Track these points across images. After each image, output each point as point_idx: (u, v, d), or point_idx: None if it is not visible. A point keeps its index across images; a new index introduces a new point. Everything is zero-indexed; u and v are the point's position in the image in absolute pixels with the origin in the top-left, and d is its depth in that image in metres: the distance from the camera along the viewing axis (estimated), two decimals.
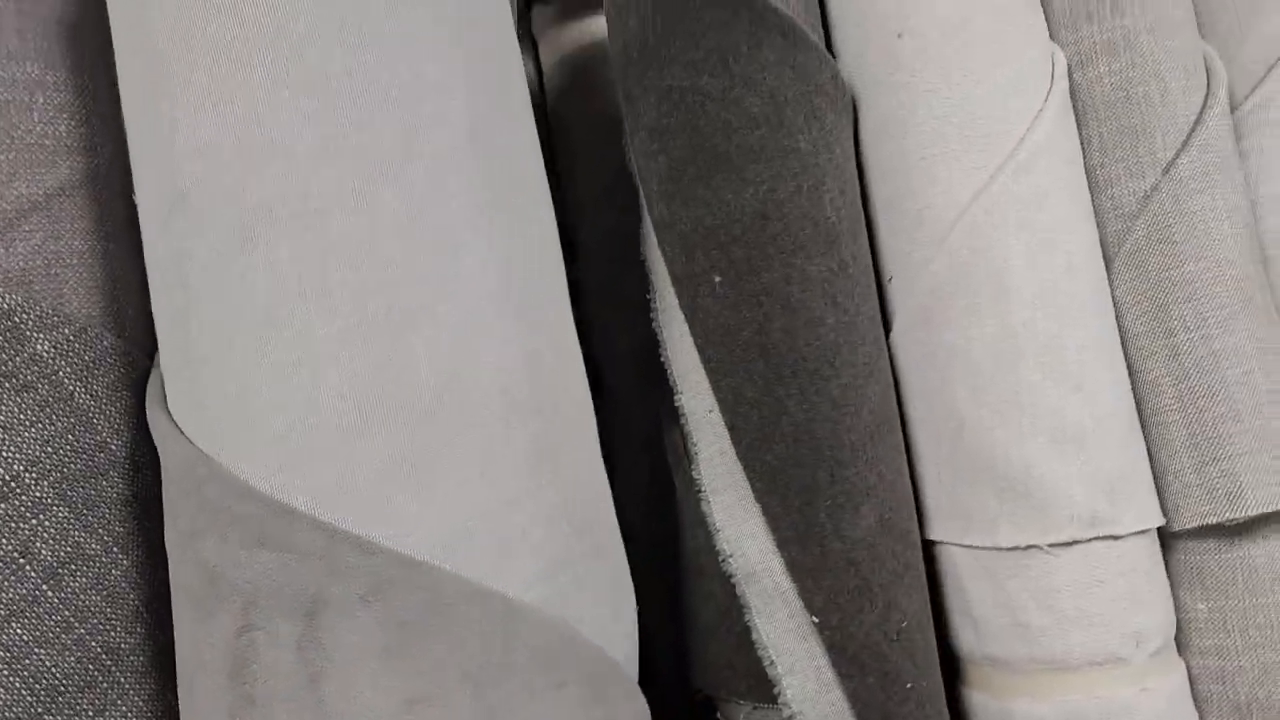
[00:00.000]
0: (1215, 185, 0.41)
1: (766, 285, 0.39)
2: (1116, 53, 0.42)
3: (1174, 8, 0.42)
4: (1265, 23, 0.45)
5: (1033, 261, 0.39)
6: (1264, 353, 0.40)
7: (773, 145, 0.39)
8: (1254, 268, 0.41)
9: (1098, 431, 0.39)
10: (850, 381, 0.39)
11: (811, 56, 0.40)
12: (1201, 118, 0.42)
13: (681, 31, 0.40)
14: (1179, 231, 0.41)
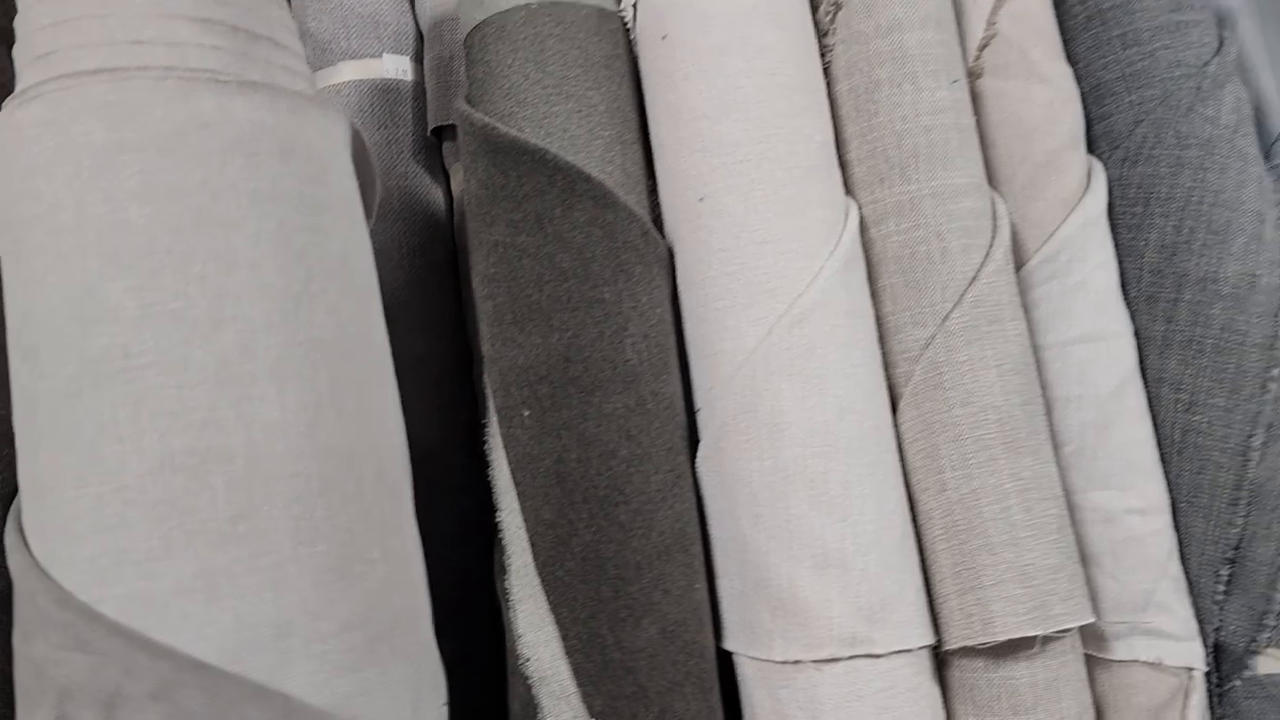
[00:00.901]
0: (985, 337, 0.46)
1: (566, 420, 0.44)
2: (904, 214, 0.47)
3: (959, 175, 0.47)
4: (1056, 183, 0.50)
5: (803, 404, 0.44)
6: (1026, 490, 0.45)
7: (579, 296, 0.45)
8: (1023, 410, 0.46)
9: (860, 559, 0.43)
10: (640, 507, 0.44)
11: (621, 216, 0.46)
12: (977, 275, 0.46)
13: (506, 194, 0.46)
14: (949, 379, 0.46)
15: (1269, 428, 0.47)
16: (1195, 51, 0.51)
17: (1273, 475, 0.47)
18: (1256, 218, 0.49)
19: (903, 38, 0.48)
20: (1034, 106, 0.50)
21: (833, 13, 0.49)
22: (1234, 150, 0.50)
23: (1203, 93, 0.50)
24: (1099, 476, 0.49)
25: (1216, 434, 0.48)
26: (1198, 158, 0.49)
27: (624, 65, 0.49)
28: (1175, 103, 0.50)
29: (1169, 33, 0.51)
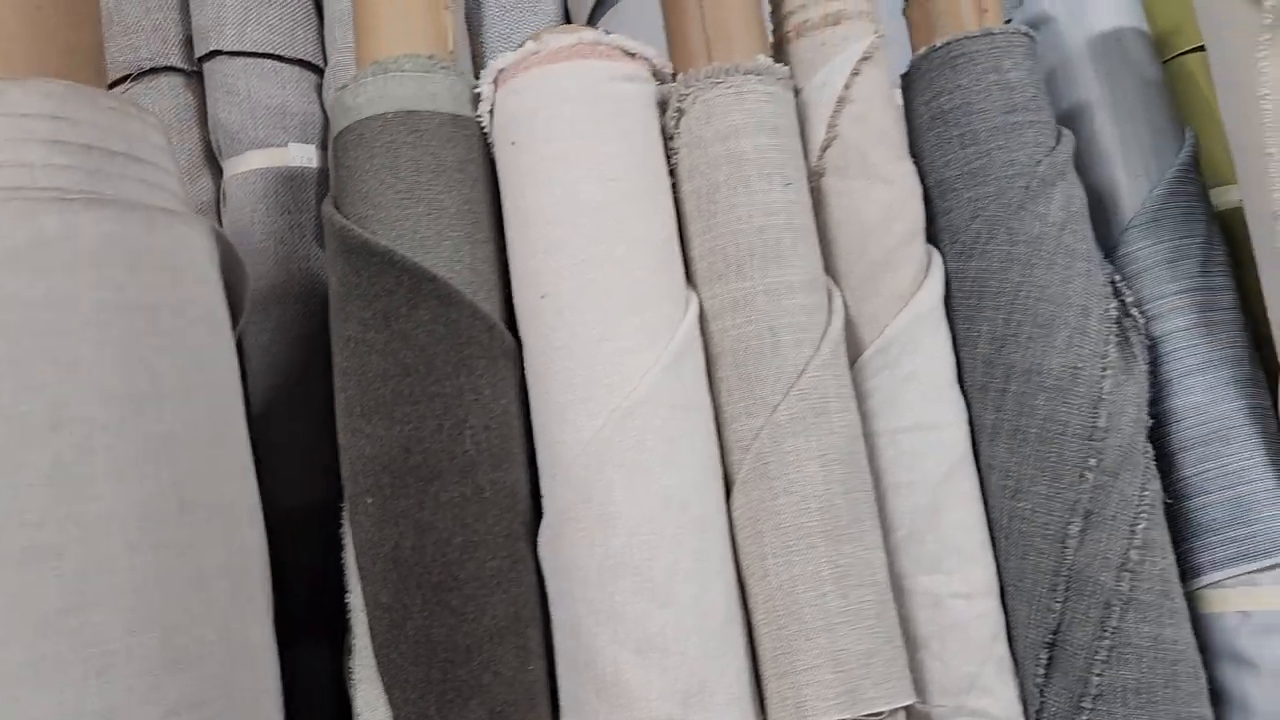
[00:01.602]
0: (810, 428, 0.48)
1: (404, 509, 0.47)
2: (739, 309, 0.50)
3: (791, 272, 0.50)
4: (892, 279, 0.53)
5: (631, 495, 0.46)
6: (843, 577, 0.47)
7: (420, 390, 0.47)
8: (846, 499, 0.48)
9: (680, 643, 0.45)
10: (473, 592, 0.46)
11: (465, 314, 0.48)
12: (805, 368, 0.49)
13: (359, 292, 0.49)
14: (774, 468, 0.48)
15: (1086, 516, 0.49)
16: (1029, 151, 0.53)
17: (1090, 562, 0.49)
18: (1081, 312, 0.51)
19: (739, 143, 0.50)
20: (873, 206, 0.53)
21: (676, 119, 0.52)
22: (1061, 247, 0.52)
23: (1032, 191, 0.52)
24: (927, 561, 0.51)
25: (1038, 521, 0.50)
26: (1026, 254, 0.52)
27: (478, 169, 0.52)
28: (1007, 200, 0.53)
29: (1004, 133, 0.54)
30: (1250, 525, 0.53)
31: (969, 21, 0.56)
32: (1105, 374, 0.50)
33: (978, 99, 0.54)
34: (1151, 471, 0.51)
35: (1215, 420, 0.55)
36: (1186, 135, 0.61)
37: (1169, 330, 0.57)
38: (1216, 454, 0.55)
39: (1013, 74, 0.54)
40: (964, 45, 0.55)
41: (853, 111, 0.53)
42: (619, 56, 0.51)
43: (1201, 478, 0.55)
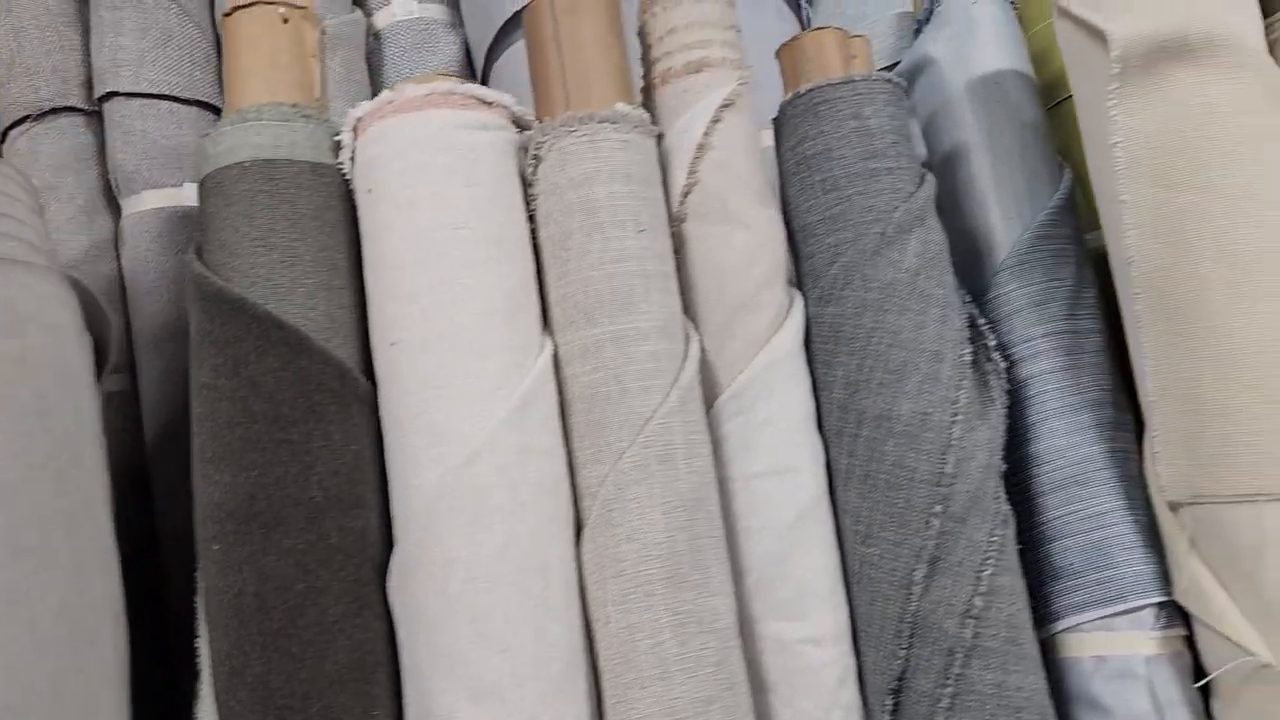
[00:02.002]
0: (653, 476, 0.48)
1: (247, 556, 0.47)
2: (588, 356, 0.50)
3: (641, 319, 0.50)
4: (749, 324, 0.53)
5: (470, 541, 0.47)
6: (682, 625, 0.47)
7: (267, 437, 0.48)
8: (689, 546, 0.48)
9: (516, 690, 0.46)
10: (313, 639, 0.47)
11: (315, 361, 0.49)
12: (652, 415, 0.49)
13: (212, 339, 0.49)
14: (618, 515, 0.48)
15: (932, 562, 0.49)
16: (886, 198, 0.54)
17: (934, 609, 0.49)
18: (933, 357, 0.52)
19: (592, 190, 0.51)
20: (731, 251, 0.53)
21: (533, 166, 0.53)
22: (915, 292, 0.52)
23: (888, 237, 0.53)
24: (777, 606, 0.51)
25: (885, 566, 0.50)
26: (879, 299, 0.52)
27: (338, 216, 0.52)
28: (863, 246, 0.53)
29: (863, 179, 0.54)
30: (1107, 570, 0.53)
31: (834, 67, 0.57)
32: (955, 420, 0.51)
33: (838, 145, 0.55)
34: (1001, 517, 0.51)
35: (1076, 464, 0.55)
36: (1063, 177, 0.61)
37: (1035, 373, 0.57)
38: (1076, 497, 0.55)
39: (873, 120, 0.55)
40: (826, 92, 0.55)
41: (713, 158, 0.54)
42: (474, 105, 0.52)
43: (1062, 521, 0.55)
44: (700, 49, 0.55)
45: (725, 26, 0.56)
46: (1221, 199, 0.51)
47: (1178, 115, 0.52)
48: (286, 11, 0.54)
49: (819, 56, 0.57)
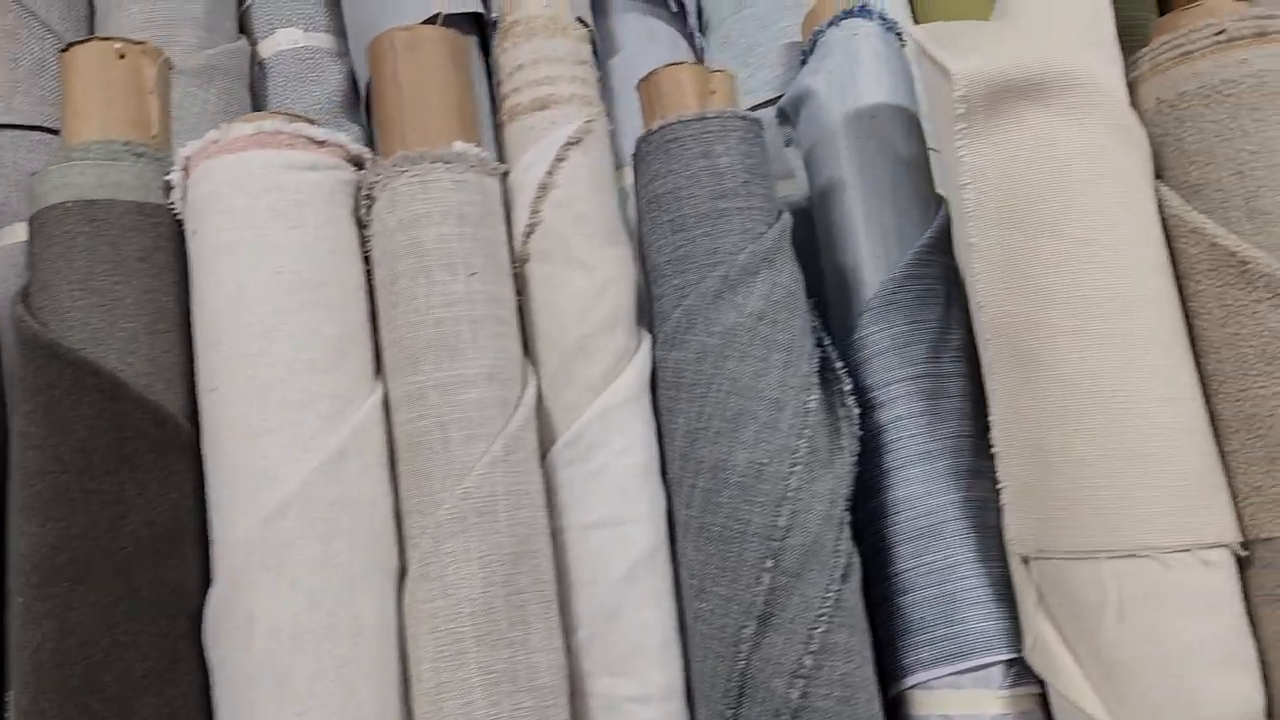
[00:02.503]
0: (471, 529, 0.47)
1: (49, 609, 0.46)
2: (413, 404, 0.49)
3: (467, 366, 0.49)
4: (586, 369, 0.52)
5: (275, 597, 0.45)
6: (495, 684, 0.46)
7: (76, 487, 0.47)
8: (507, 602, 0.47)
9: None
10: (117, 694, 0.45)
11: (130, 408, 0.48)
12: (473, 466, 0.48)
13: (25, 385, 0.48)
14: (434, 569, 0.47)
15: (761, 620, 0.48)
16: (733, 239, 0.52)
17: (763, 668, 0.48)
18: (773, 405, 0.50)
19: (421, 233, 0.50)
20: (571, 292, 0.52)
21: (367, 207, 0.51)
22: (757, 338, 0.51)
23: (731, 280, 0.51)
24: (606, 662, 0.49)
25: (716, 623, 0.48)
26: (719, 345, 0.51)
27: (167, 257, 0.51)
28: (706, 289, 0.51)
29: (710, 220, 0.53)
30: (955, 625, 0.52)
31: (690, 104, 0.55)
32: (794, 470, 0.49)
33: (687, 185, 0.53)
34: (841, 570, 0.50)
35: (929, 513, 0.54)
36: (937, 217, 0.60)
37: (893, 418, 0.56)
38: (928, 549, 0.53)
39: (724, 159, 0.53)
40: (676, 130, 0.54)
41: (556, 197, 0.53)
42: (303, 145, 0.50)
43: (913, 573, 0.53)
44: (547, 85, 0.54)
45: (576, 63, 0.55)
46: (1066, 243, 0.49)
47: (1024, 156, 0.50)
48: (123, 47, 0.53)
49: (675, 92, 0.56)
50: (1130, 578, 0.47)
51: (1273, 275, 0.48)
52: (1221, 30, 0.50)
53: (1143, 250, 0.49)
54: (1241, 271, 0.49)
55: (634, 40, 0.73)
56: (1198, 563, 0.47)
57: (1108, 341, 0.48)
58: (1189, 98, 0.51)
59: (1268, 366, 0.48)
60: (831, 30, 0.65)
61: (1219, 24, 0.51)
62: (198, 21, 0.70)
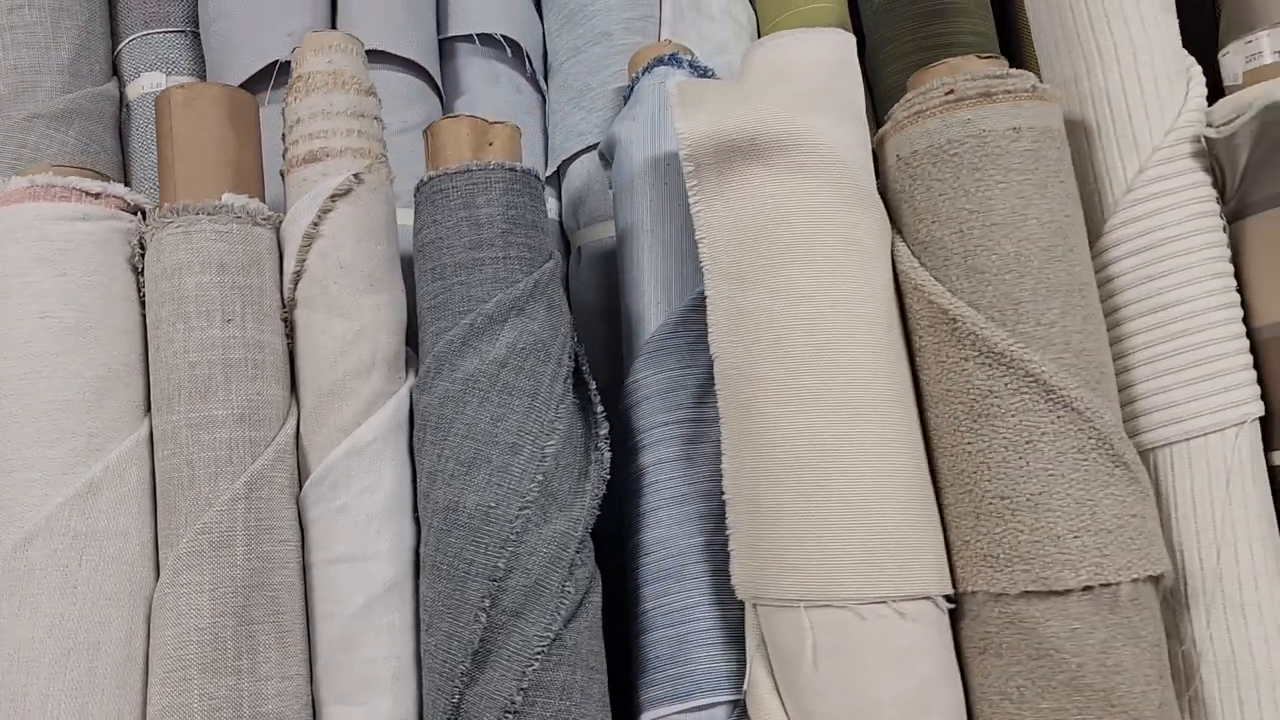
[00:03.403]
0: (205, 562, 0.50)
1: None
2: (167, 442, 0.52)
3: (217, 408, 0.52)
4: (338, 412, 0.54)
5: (17, 621, 0.49)
6: (216, 710, 0.49)
7: None
8: (236, 631, 0.49)
9: None
10: None
11: None
12: (214, 502, 0.51)
13: None
14: (170, 599, 0.50)
15: (477, 657, 0.50)
16: (485, 288, 0.55)
17: (476, 703, 0.50)
18: (509, 450, 0.52)
19: (182, 281, 0.53)
20: (328, 338, 0.55)
21: (139, 255, 0.55)
22: (498, 384, 0.53)
23: (477, 328, 0.54)
24: (339, 691, 0.52)
25: (440, 657, 0.51)
26: (460, 391, 0.53)
27: None
28: (453, 336, 0.54)
29: (466, 269, 0.55)
30: (685, 664, 0.53)
31: (464, 155, 0.58)
32: (521, 513, 0.51)
33: (448, 234, 0.56)
34: (567, 611, 0.51)
35: (675, 555, 0.55)
36: None
37: (653, 462, 0.57)
38: (670, 590, 0.55)
39: (485, 210, 0.56)
40: (442, 181, 0.56)
41: (320, 246, 0.55)
42: (76, 197, 0.54)
43: (655, 613, 0.55)
44: (320, 139, 0.57)
45: (353, 116, 0.58)
46: (781, 298, 0.51)
47: (748, 213, 0.52)
48: None
49: (451, 144, 0.58)
50: (826, 627, 0.48)
51: (979, 334, 0.49)
52: (951, 90, 0.52)
53: (863, 307, 0.51)
54: (953, 329, 0.50)
55: (477, 83, 0.76)
56: (894, 614, 0.48)
57: (816, 396, 0.49)
58: (920, 156, 0.52)
59: (974, 423, 0.49)
60: (645, 78, 0.67)
61: (950, 84, 0.52)
62: (62, 68, 0.74)
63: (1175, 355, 0.52)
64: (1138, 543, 0.48)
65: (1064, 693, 0.47)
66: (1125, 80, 0.54)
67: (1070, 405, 0.48)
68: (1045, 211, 0.50)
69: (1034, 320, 0.49)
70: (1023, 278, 0.49)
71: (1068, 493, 0.47)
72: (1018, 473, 0.48)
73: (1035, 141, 0.51)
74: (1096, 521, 0.47)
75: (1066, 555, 0.47)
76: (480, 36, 0.75)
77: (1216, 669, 0.50)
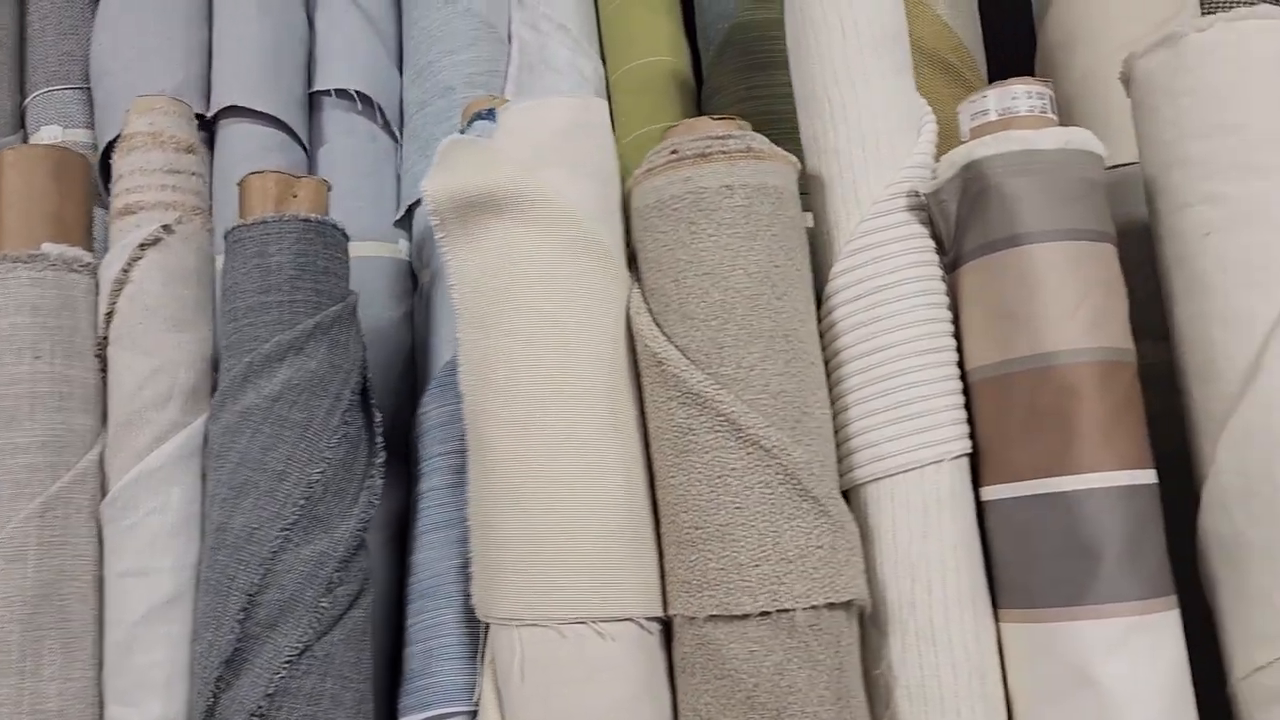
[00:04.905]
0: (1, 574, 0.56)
1: None
2: None
3: (22, 436, 0.58)
4: (134, 439, 0.60)
5: None
6: None
7: None
8: (25, 636, 0.56)
9: None
10: None
11: None
12: (11, 520, 0.57)
13: None
14: None
15: (229, 664, 0.55)
16: (269, 329, 0.60)
17: (229, 706, 0.55)
18: (276, 477, 0.57)
19: None
20: (130, 374, 0.61)
21: None
22: (271, 417, 0.58)
23: (255, 366, 0.59)
24: (118, 693, 0.58)
25: (200, 664, 0.56)
26: (238, 423, 0.58)
27: None
28: (237, 373, 0.59)
29: (255, 312, 0.61)
30: (431, 676, 0.58)
31: (266, 207, 0.63)
32: (281, 534, 0.56)
33: (242, 280, 0.61)
34: (323, 624, 0.56)
35: (435, 576, 0.60)
36: None
37: (428, 489, 0.62)
38: (426, 608, 0.60)
39: (275, 258, 0.61)
40: (240, 232, 0.62)
41: (129, 291, 0.61)
42: None
43: (414, 628, 0.60)
44: (136, 194, 0.63)
45: (169, 172, 0.64)
46: (513, 341, 0.55)
47: (489, 262, 0.57)
48: None
49: (256, 196, 0.64)
50: (532, 645, 0.53)
51: (679, 375, 0.53)
52: (675, 151, 0.56)
53: (586, 349, 0.55)
54: (660, 371, 0.54)
55: (336, 133, 0.82)
56: (593, 634, 0.52)
57: (539, 430, 0.54)
58: (649, 210, 0.56)
59: (677, 459, 0.53)
60: (467, 131, 0.72)
61: (676, 144, 0.56)
62: None
63: (882, 397, 0.55)
64: (821, 572, 0.51)
65: (740, 710, 0.50)
66: (851, 138, 0.58)
67: (758, 443, 0.51)
68: (753, 263, 0.54)
69: (735, 364, 0.53)
70: (727, 324, 0.53)
71: (752, 524, 0.51)
72: (709, 505, 0.52)
73: (747, 198, 0.55)
74: (778, 551, 0.51)
75: (747, 583, 0.51)
76: (337, 91, 0.81)
77: (909, 692, 0.53)
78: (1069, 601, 0.51)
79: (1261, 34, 0.54)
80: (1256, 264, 0.53)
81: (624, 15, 0.83)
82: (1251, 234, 0.53)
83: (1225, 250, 0.53)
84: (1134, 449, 0.52)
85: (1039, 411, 0.52)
